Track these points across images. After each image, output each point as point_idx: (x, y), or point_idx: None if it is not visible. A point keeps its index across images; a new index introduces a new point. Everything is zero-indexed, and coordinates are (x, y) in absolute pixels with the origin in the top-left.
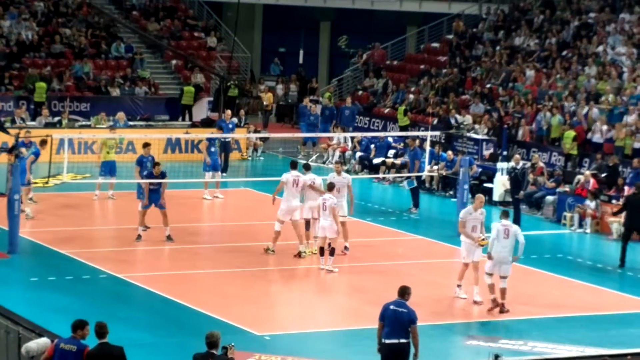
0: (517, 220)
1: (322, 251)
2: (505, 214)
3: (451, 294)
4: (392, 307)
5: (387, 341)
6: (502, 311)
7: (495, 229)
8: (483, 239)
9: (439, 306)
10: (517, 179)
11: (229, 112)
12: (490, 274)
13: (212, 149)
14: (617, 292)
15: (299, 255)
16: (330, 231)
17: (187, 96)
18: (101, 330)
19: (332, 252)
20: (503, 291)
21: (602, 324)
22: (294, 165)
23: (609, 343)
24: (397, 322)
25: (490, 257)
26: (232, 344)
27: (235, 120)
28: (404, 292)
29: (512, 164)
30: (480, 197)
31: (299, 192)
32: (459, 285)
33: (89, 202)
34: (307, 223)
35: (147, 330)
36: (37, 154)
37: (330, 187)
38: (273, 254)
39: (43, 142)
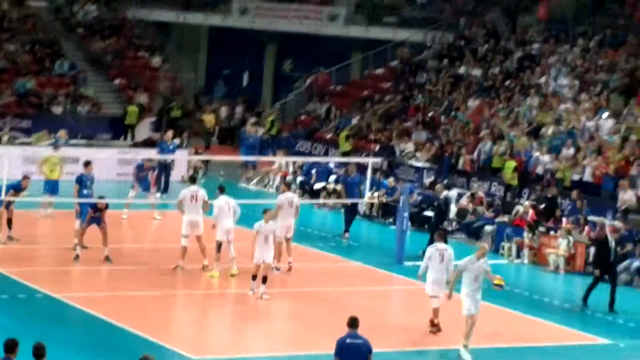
0: None
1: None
2: (440, 236)
3: (390, 321)
4: (348, 340)
5: None
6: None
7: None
8: (501, 282)
9: (377, 334)
10: (440, 209)
11: (169, 133)
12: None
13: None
14: (553, 324)
15: (203, 268)
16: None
17: (131, 116)
18: (39, 352)
19: (264, 279)
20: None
21: (538, 356)
22: (192, 180)
23: None
24: (357, 354)
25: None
26: None
27: (177, 141)
28: (355, 323)
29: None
30: (484, 246)
31: (200, 207)
32: (465, 346)
33: (26, 220)
34: (219, 246)
35: (81, 351)
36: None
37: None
38: (183, 271)
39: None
